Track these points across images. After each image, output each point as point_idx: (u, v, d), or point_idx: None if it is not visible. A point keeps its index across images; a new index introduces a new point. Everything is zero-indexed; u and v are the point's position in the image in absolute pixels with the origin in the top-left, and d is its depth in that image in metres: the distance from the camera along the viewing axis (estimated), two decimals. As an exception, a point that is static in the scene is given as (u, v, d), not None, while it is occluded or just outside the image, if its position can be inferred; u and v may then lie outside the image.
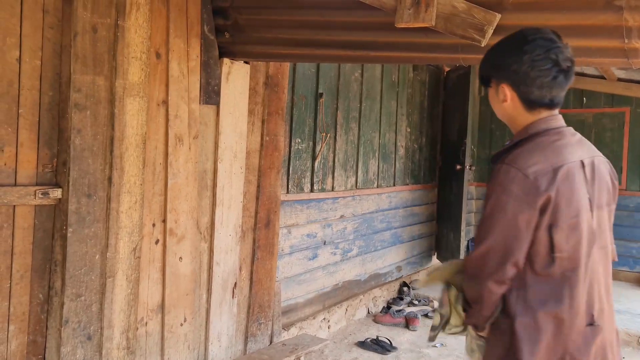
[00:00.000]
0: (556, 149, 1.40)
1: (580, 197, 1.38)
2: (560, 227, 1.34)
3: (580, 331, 1.38)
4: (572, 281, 1.37)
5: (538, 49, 1.38)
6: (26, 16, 2.10)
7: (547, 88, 1.40)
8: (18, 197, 2.10)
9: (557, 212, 1.34)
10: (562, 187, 1.34)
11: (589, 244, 1.40)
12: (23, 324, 2.18)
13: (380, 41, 2.47)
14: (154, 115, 2.57)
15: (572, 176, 1.37)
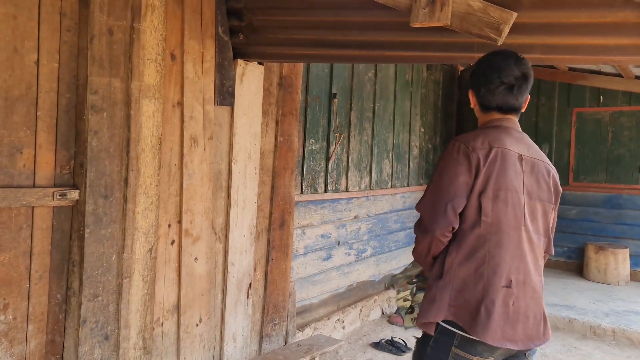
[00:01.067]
0: (497, 137, 1.71)
1: (511, 178, 1.67)
2: (487, 195, 1.64)
3: (496, 289, 1.63)
4: (492, 242, 1.65)
5: (491, 66, 1.76)
6: (44, 19, 2.12)
7: (492, 96, 1.76)
8: (37, 199, 2.13)
9: (487, 181, 1.64)
10: (494, 163, 1.65)
11: (515, 220, 1.67)
12: (42, 324, 2.21)
13: (395, 41, 2.46)
14: (169, 117, 2.58)
15: (505, 158, 1.67)
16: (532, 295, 1.69)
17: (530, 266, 1.69)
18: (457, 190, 1.65)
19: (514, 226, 1.67)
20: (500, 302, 1.63)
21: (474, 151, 1.65)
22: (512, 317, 1.64)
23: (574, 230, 6.41)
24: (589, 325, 4.43)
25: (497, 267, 1.65)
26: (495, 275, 1.64)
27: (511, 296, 1.65)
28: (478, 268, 1.66)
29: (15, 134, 2.06)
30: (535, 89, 6.64)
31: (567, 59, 2.39)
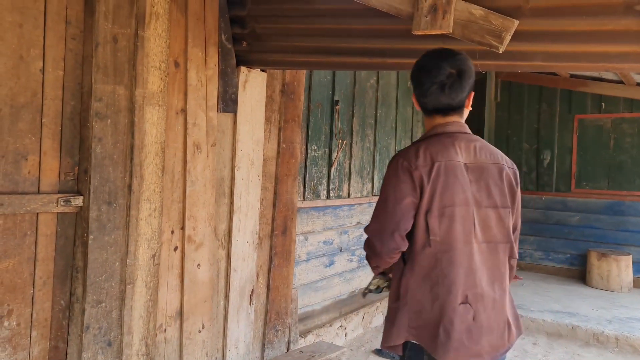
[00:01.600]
0: (440, 149, 1.65)
1: (457, 191, 1.62)
2: (433, 213, 1.60)
3: (453, 307, 1.61)
4: (445, 263, 1.61)
5: (424, 67, 1.72)
6: (49, 27, 2.14)
7: (425, 98, 1.71)
8: (41, 205, 2.14)
9: (431, 199, 1.60)
10: (437, 179, 1.61)
11: (465, 235, 1.62)
12: (45, 330, 2.21)
13: (397, 48, 2.47)
14: (172, 124, 2.60)
15: (449, 172, 1.62)
16: (493, 306, 1.66)
17: (486, 278, 1.66)
18: (404, 214, 1.62)
19: (464, 241, 1.63)
20: (458, 320, 1.61)
21: (416, 169, 1.62)
22: (474, 332, 1.62)
23: (576, 237, 6.41)
24: (592, 332, 4.42)
25: (451, 285, 1.62)
26: (450, 293, 1.62)
27: (469, 312, 1.62)
28: (432, 288, 1.63)
29: (20, 141, 2.08)
30: (537, 96, 6.66)
31: (569, 66, 2.41)
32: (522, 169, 6.76)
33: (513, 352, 4.07)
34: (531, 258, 6.71)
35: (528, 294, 5.53)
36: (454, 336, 1.60)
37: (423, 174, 1.61)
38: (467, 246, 1.63)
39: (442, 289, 1.62)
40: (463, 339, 1.60)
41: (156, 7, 2.43)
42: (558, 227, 6.53)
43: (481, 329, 1.63)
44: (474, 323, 1.62)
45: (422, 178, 1.61)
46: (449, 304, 1.62)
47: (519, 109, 6.78)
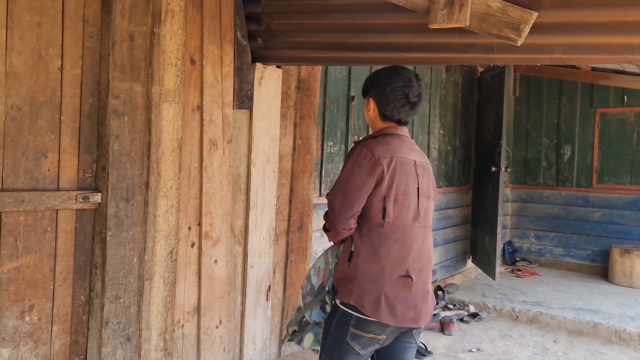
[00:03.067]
0: (396, 146, 1.92)
1: (409, 183, 1.91)
2: (390, 199, 1.87)
3: (395, 278, 1.87)
4: (392, 239, 1.88)
5: (399, 83, 1.92)
6: (67, 26, 2.17)
7: (396, 111, 1.95)
8: (60, 202, 2.17)
9: (389, 187, 1.86)
10: (395, 171, 1.87)
11: (412, 219, 1.92)
12: (66, 325, 2.25)
13: (413, 43, 2.45)
14: (189, 121, 2.61)
15: (404, 167, 1.90)
16: (427, 280, 1.97)
17: (424, 257, 1.96)
18: (360, 198, 1.87)
19: (410, 225, 1.92)
20: (400, 291, 1.88)
21: (378, 161, 1.86)
22: (413, 301, 1.90)
23: (599, 233, 6.29)
24: (614, 329, 4.34)
25: (395, 260, 1.89)
26: (394, 267, 1.88)
27: (409, 283, 1.89)
28: (380, 261, 1.88)
29: (40, 138, 2.11)
30: (557, 90, 6.54)
31: (589, 59, 2.36)
32: (541, 164, 6.66)
33: (533, 350, 4.02)
34: (551, 254, 6.62)
35: (549, 290, 5.45)
36: (395, 304, 1.86)
37: (384, 165, 1.86)
38: (412, 229, 1.92)
39: (388, 263, 1.88)
40: (403, 306, 1.88)
41: (172, 4, 2.44)
42: (579, 223, 6.42)
43: (416, 298, 1.91)
44: (413, 293, 1.90)
45: (384, 169, 1.86)
46: (391, 276, 1.88)
47: (538, 103, 6.68)
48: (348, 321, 1.89)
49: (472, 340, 4.20)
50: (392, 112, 1.95)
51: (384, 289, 1.86)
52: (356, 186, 1.87)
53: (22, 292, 2.09)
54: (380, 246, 1.89)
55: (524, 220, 6.81)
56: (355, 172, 1.87)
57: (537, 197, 6.71)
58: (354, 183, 1.87)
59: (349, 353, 1.90)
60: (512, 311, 4.82)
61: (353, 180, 1.87)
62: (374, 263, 1.88)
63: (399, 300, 1.87)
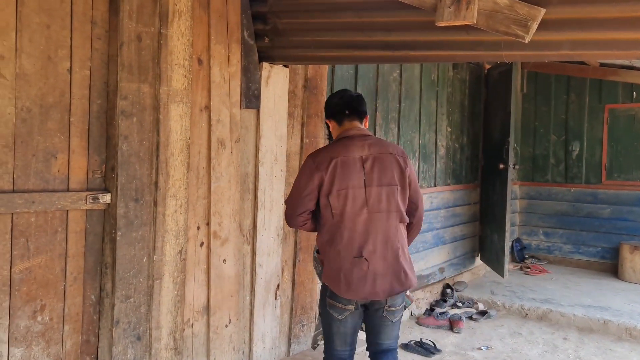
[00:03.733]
0: (340, 149, 2.27)
1: (350, 177, 2.22)
2: (333, 194, 2.22)
3: (350, 259, 2.23)
4: (342, 228, 2.24)
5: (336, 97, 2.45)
6: (76, 28, 2.18)
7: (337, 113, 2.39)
8: (71, 202, 2.19)
9: (331, 185, 2.22)
10: (334, 170, 2.22)
11: (359, 208, 2.23)
12: (77, 324, 2.27)
13: (420, 40, 2.44)
14: (197, 121, 2.63)
15: (344, 165, 2.23)
16: (384, 260, 2.25)
17: (378, 239, 2.24)
18: (303, 200, 2.27)
19: (357, 212, 2.23)
20: (354, 269, 2.22)
21: (317, 167, 2.24)
22: (368, 278, 2.22)
23: (608, 229, 6.25)
24: (625, 327, 4.32)
25: (347, 244, 2.24)
26: (347, 250, 2.24)
27: (363, 263, 2.22)
28: (335, 247, 2.26)
29: (50, 140, 2.13)
30: (565, 86, 6.50)
31: (598, 55, 2.35)
32: (549, 161, 6.63)
33: (543, 347, 4.01)
34: (560, 251, 6.58)
35: (558, 287, 5.43)
36: (351, 281, 2.22)
37: (322, 169, 2.22)
38: (359, 216, 2.23)
39: (341, 247, 2.25)
40: (358, 283, 2.22)
41: (179, 5, 2.45)
42: (588, 220, 6.37)
43: (374, 275, 2.22)
44: (368, 271, 2.22)
45: (322, 172, 2.22)
46: (346, 258, 2.24)
47: (546, 100, 6.64)
48: (325, 293, 2.34)
49: (481, 338, 4.19)
50: (339, 116, 2.38)
51: (342, 269, 2.24)
52: (299, 190, 2.28)
53: (33, 292, 2.11)
54: (334, 234, 2.26)
55: (532, 218, 6.78)
56: (300, 179, 2.32)
57: (545, 194, 6.67)
58: (298, 188, 2.30)
59: (331, 318, 2.33)
60: (521, 309, 4.80)
61: (297, 186, 2.31)
62: (332, 249, 2.27)
63: (355, 277, 2.21)
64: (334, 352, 2.39)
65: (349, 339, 2.37)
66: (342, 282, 2.22)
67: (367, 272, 2.21)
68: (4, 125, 2.00)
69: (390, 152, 2.30)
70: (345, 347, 2.39)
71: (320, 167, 2.23)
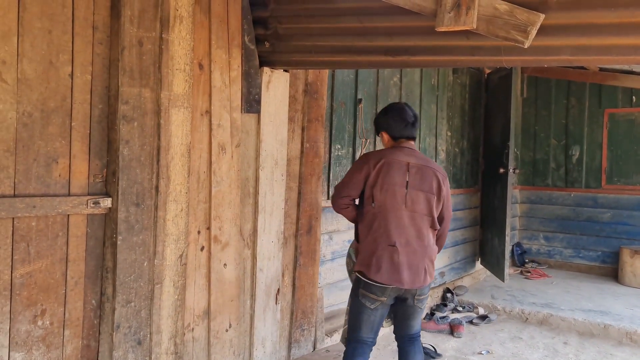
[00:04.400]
0: (390, 152, 2.61)
1: (395, 177, 2.53)
2: (377, 187, 2.53)
3: (384, 246, 2.51)
4: (380, 218, 2.53)
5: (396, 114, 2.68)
6: (77, 33, 2.19)
7: (395, 129, 2.66)
8: (72, 207, 2.19)
9: (376, 179, 2.53)
10: (382, 167, 2.53)
11: (398, 203, 2.53)
12: (77, 329, 2.27)
13: (420, 45, 2.45)
14: (197, 125, 2.63)
15: (391, 166, 2.54)
16: (414, 253, 2.53)
17: (411, 234, 2.54)
18: (350, 187, 2.62)
19: (397, 208, 2.52)
20: (387, 257, 2.50)
21: (367, 162, 2.57)
22: (398, 266, 2.49)
23: (608, 234, 6.25)
24: (625, 331, 4.31)
25: (383, 233, 2.52)
26: (382, 238, 2.52)
27: (396, 252, 2.49)
28: (373, 234, 2.55)
29: (51, 144, 2.13)
30: (565, 91, 6.52)
31: (598, 60, 2.36)
32: (550, 165, 6.63)
33: (544, 352, 4.00)
34: (561, 256, 6.58)
35: (558, 292, 5.42)
36: (381, 265, 2.50)
37: (371, 164, 2.55)
38: (397, 211, 2.53)
39: (378, 235, 2.53)
40: (388, 269, 2.49)
41: (180, 10, 2.46)
42: (589, 224, 6.38)
43: (403, 265, 2.50)
44: (398, 260, 2.49)
45: (370, 167, 2.55)
46: (380, 245, 2.52)
47: (546, 104, 6.65)
48: (359, 285, 2.58)
49: (481, 342, 4.19)
50: (396, 132, 2.65)
51: (375, 254, 2.52)
52: (348, 178, 2.64)
53: (34, 296, 2.11)
54: (373, 223, 2.55)
55: (533, 222, 6.78)
56: (351, 170, 2.66)
57: (546, 198, 6.68)
58: (347, 176, 2.65)
59: (362, 308, 2.58)
60: (521, 313, 4.80)
61: (347, 175, 2.66)
62: (370, 236, 2.55)
63: (385, 263, 2.49)
64: (360, 338, 2.62)
65: (375, 327, 2.63)
66: (374, 265, 2.50)
67: (397, 261, 2.49)
68: (6, 129, 2.01)
69: (432, 167, 2.61)
70: (370, 335, 2.63)
71: (369, 163, 2.56)
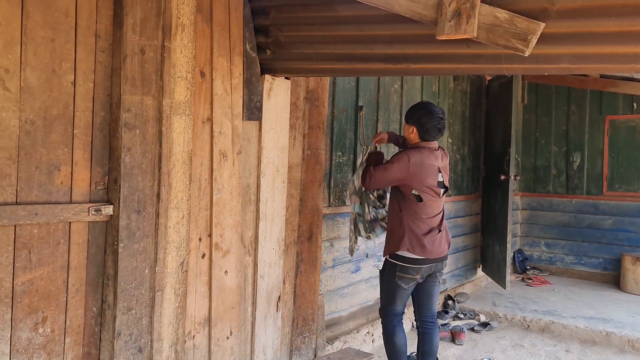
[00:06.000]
0: (425, 155, 3.08)
1: (431, 177, 3.08)
2: (419, 188, 3.06)
3: (427, 231, 3.11)
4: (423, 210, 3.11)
5: (435, 121, 3.09)
6: (80, 41, 2.21)
7: (431, 137, 3.13)
8: (73, 214, 2.20)
9: (420, 180, 3.06)
10: (420, 172, 3.05)
11: (433, 197, 3.11)
12: (78, 337, 2.26)
13: (421, 53, 2.46)
14: (199, 133, 2.64)
15: (427, 169, 3.06)
16: (441, 234, 3.16)
17: (439, 220, 3.16)
18: (387, 183, 3.17)
19: (433, 200, 3.13)
20: (430, 238, 3.09)
21: (409, 161, 3.04)
22: (437, 244, 3.12)
23: (610, 240, 6.24)
24: (627, 339, 4.30)
25: (426, 220, 3.11)
26: (426, 224, 3.11)
27: (435, 234, 3.12)
28: (417, 221, 3.10)
29: (53, 152, 2.14)
30: (565, 97, 6.53)
31: (597, 68, 2.36)
32: (550, 172, 6.64)
33: (545, 360, 3.99)
34: (562, 262, 6.57)
35: (560, 299, 5.41)
36: (427, 245, 3.08)
37: (414, 167, 3.03)
38: (435, 202, 3.13)
39: (422, 223, 3.11)
40: (433, 247, 3.10)
41: (182, 18, 2.48)
42: (590, 231, 6.37)
43: (440, 243, 3.15)
44: (437, 239, 3.12)
45: (414, 169, 3.03)
46: (427, 228, 3.11)
47: (546, 111, 6.66)
48: (395, 269, 3.13)
49: (483, 350, 4.18)
50: (429, 137, 3.12)
51: (425, 239, 3.08)
52: (390, 176, 3.07)
53: (35, 304, 2.11)
54: (418, 213, 3.09)
55: (534, 229, 6.77)
56: (397, 166, 3.04)
57: (547, 205, 6.67)
58: (390, 174, 3.06)
59: (398, 287, 3.15)
60: (523, 320, 4.79)
61: (393, 170, 3.05)
62: (415, 223, 3.10)
63: (428, 241, 3.09)
64: (396, 310, 3.23)
65: (405, 300, 3.24)
66: (423, 248, 3.07)
67: (435, 240, 3.11)
68: (8, 137, 2.02)
69: (446, 164, 3.23)
70: (402, 306, 3.25)
71: (412, 165, 3.03)
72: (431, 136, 3.09)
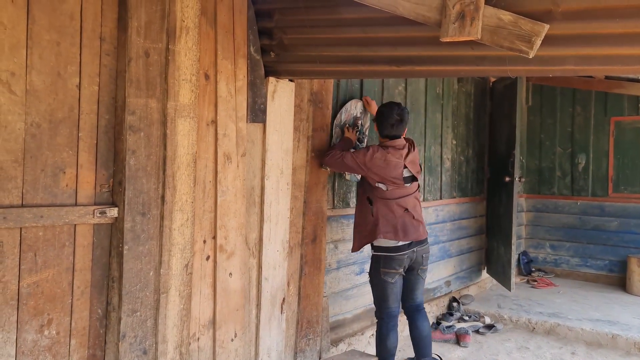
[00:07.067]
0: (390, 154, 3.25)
1: (394, 174, 3.24)
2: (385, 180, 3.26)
3: (401, 215, 3.28)
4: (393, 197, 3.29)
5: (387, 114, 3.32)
6: (85, 45, 2.22)
7: (389, 129, 3.32)
8: (78, 217, 2.21)
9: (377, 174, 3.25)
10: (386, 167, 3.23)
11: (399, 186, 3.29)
12: (83, 339, 2.27)
13: (425, 55, 2.46)
14: (203, 135, 2.65)
15: (393, 166, 3.24)
16: (414, 217, 3.32)
17: (410, 205, 3.31)
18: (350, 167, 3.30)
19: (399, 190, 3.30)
20: (404, 222, 3.27)
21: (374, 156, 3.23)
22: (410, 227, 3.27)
23: (615, 242, 6.21)
24: (634, 341, 4.28)
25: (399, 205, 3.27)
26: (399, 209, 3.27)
27: (407, 216, 3.29)
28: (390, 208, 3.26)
29: (58, 154, 2.15)
30: (570, 99, 6.51)
31: (602, 70, 2.36)
32: (555, 174, 6.61)
33: (550, 362, 3.97)
34: (568, 265, 6.54)
35: (565, 301, 5.39)
36: (400, 228, 3.24)
37: (377, 160, 3.22)
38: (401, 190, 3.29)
39: (393, 206, 3.26)
40: (407, 230, 3.25)
41: (186, 21, 2.48)
42: (596, 233, 6.34)
43: (417, 228, 3.30)
44: (411, 223, 3.29)
45: (378, 162, 3.22)
46: (398, 214, 3.26)
47: (551, 112, 6.64)
48: (379, 264, 3.26)
49: (488, 352, 4.16)
50: (389, 131, 3.31)
51: (398, 223, 3.24)
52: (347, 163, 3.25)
53: (41, 306, 2.12)
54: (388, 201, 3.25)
55: (539, 230, 6.75)
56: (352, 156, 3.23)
57: (552, 206, 6.65)
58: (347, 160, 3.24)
59: (386, 283, 3.25)
60: (528, 322, 4.77)
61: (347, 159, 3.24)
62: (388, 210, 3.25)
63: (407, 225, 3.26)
64: (390, 309, 3.28)
65: (398, 297, 3.30)
66: (399, 231, 3.22)
67: (408, 223, 3.26)
68: (14, 140, 2.03)
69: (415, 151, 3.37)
70: (396, 304, 3.30)
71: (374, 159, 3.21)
72: (393, 129, 3.28)
